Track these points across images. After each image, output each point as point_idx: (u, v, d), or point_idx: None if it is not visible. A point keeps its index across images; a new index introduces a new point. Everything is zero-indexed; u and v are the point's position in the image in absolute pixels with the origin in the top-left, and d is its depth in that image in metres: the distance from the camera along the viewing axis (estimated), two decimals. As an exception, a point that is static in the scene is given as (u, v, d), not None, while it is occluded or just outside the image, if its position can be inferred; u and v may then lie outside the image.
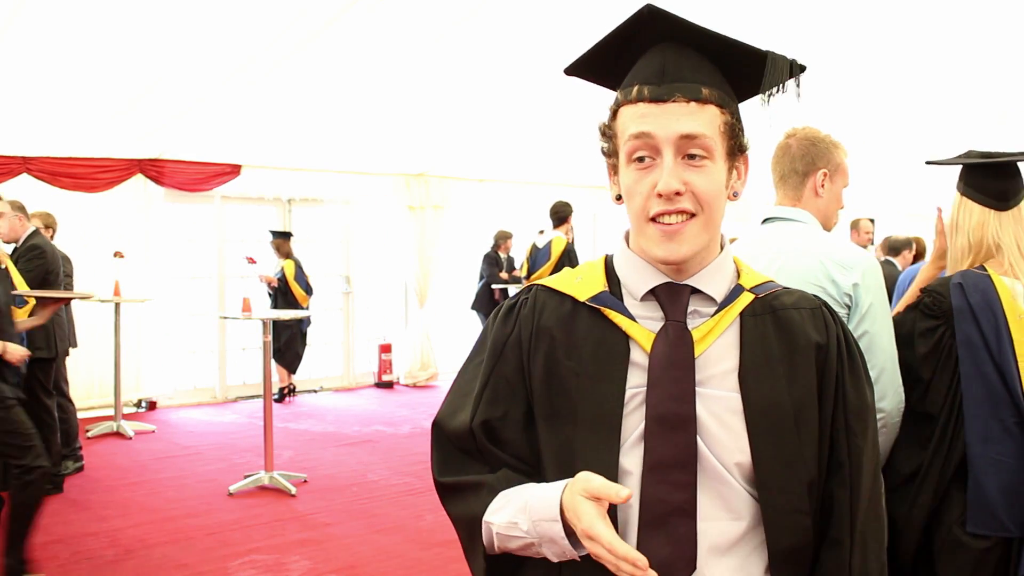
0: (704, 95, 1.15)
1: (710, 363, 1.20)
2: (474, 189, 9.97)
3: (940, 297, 2.30)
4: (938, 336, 2.27)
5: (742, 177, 1.24)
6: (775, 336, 1.22)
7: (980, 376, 2.22)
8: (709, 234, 1.19)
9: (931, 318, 2.30)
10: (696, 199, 1.15)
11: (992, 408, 2.21)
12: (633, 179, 1.18)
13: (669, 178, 1.13)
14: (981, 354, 2.22)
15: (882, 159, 8.59)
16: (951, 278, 2.33)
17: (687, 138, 1.14)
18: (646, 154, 1.16)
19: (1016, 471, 2.20)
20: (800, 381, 1.19)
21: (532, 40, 5.73)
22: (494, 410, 1.26)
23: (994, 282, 2.28)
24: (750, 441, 1.16)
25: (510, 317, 1.31)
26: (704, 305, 1.23)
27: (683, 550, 1.15)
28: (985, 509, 2.20)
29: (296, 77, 6.27)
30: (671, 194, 1.14)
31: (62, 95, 6.30)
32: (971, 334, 2.23)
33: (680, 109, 1.15)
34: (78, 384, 7.16)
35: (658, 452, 1.16)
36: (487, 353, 1.30)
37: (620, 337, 1.22)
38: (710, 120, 1.16)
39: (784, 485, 1.16)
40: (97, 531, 4.80)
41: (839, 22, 5.61)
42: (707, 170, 1.16)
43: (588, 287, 1.27)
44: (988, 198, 2.36)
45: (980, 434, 2.19)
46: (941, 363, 2.25)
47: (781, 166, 2.31)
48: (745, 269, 1.29)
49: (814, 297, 1.28)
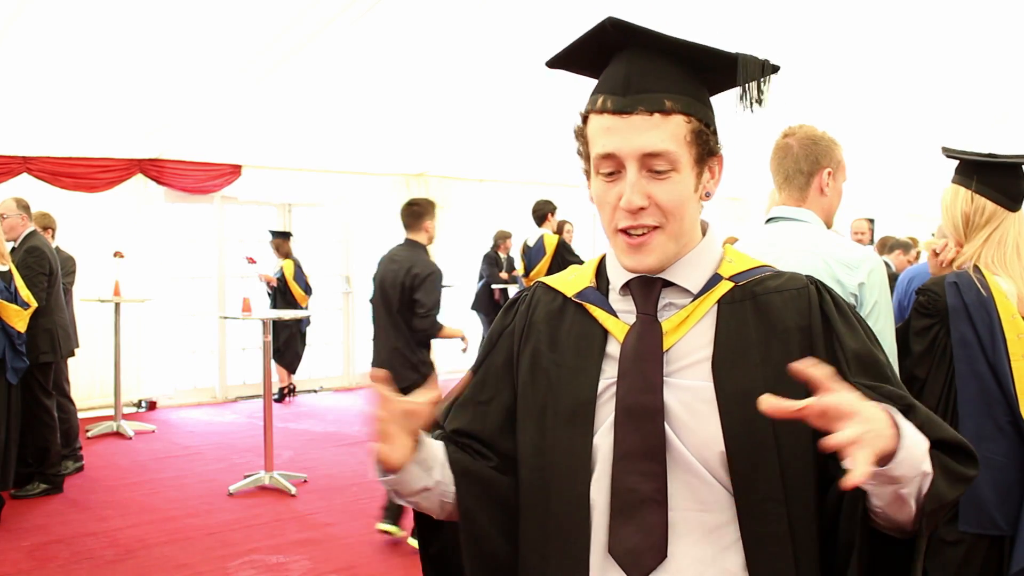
0: (667, 107, 1.16)
1: (683, 354, 1.21)
2: (474, 189, 9.97)
3: (935, 296, 2.31)
4: (933, 335, 2.29)
5: (715, 177, 1.24)
6: (753, 322, 1.21)
7: (974, 375, 2.23)
8: (678, 241, 1.20)
9: (926, 316, 2.31)
10: (661, 211, 1.17)
11: (985, 407, 2.22)
12: (601, 190, 1.20)
13: (631, 195, 1.15)
14: (975, 353, 2.23)
15: (883, 159, 8.59)
16: (946, 277, 2.35)
17: (651, 156, 1.15)
18: (612, 168, 1.18)
19: (1008, 470, 2.22)
20: (776, 366, 1.16)
21: (532, 40, 5.72)
22: (481, 394, 1.33)
23: (988, 282, 2.29)
24: (723, 430, 1.15)
25: (510, 311, 1.38)
26: (679, 297, 1.24)
27: (653, 539, 1.16)
28: (977, 507, 2.22)
29: (296, 77, 6.27)
30: (634, 209, 1.16)
31: (62, 95, 6.30)
32: (966, 333, 2.24)
33: (643, 123, 1.15)
34: (78, 384, 7.15)
35: (627, 442, 1.18)
36: (483, 343, 1.39)
37: (598, 331, 1.26)
38: (674, 132, 1.16)
39: (758, 473, 1.15)
40: (97, 531, 4.80)
41: (842, 22, 5.62)
42: (671, 181, 1.16)
43: (577, 283, 1.32)
44: (1003, 197, 2.37)
45: (973, 433, 2.20)
46: (936, 362, 2.27)
47: (785, 167, 2.30)
48: (734, 257, 1.28)
49: (805, 277, 1.26)
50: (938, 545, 2.24)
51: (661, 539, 1.16)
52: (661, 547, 1.16)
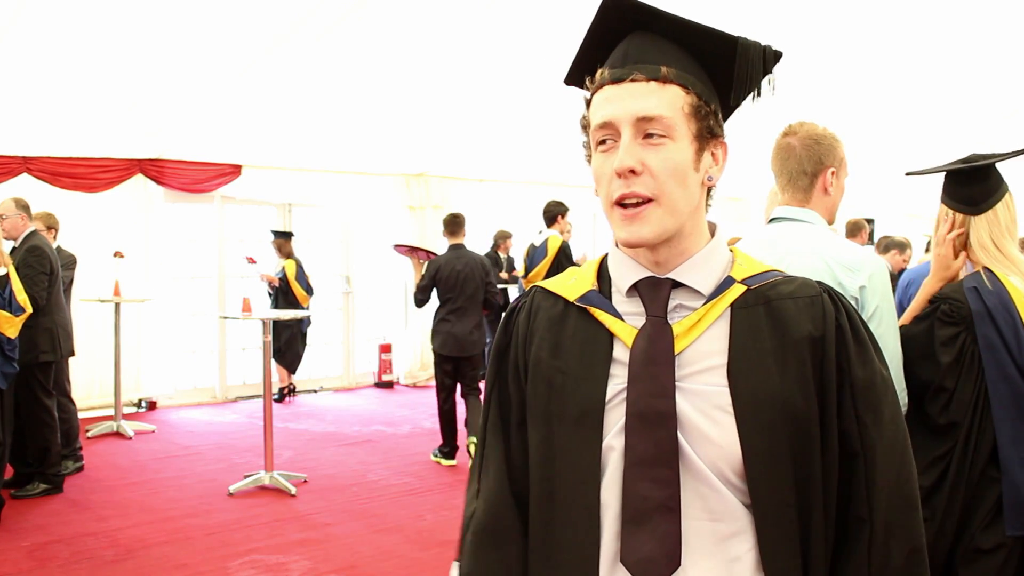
0: (663, 73, 1.15)
1: (696, 358, 1.18)
2: (474, 189, 9.97)
3: (958, 303, 2.29)
4: (960, 343, 2.26)
5: (719, 163, 1.22)
6: (767, 328, 1.18)
7: (1004, 378, 2.21)
8: (675, 218, 1.16)
9: (951, 325, 2.29)
10: (654, 180, 1.14)
11: (1019, 409, 2.20)
12: (599, 163, 1.18)
13: (624, 155, 1.13)
14: (1003, 356, 2.22)
15: (886, 159, 8.58)
16: (963, 283, 2.33)
17: (645, 120, 1.14)
18: (608, 137, 1.16)
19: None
20: (792, 374, 1.16)
21: (532, 40, 5.73)
22: (501, 417, 1.31)
23: (1004, 283, 2.28)
24: (740, 436, 1.14)
25: (508, 325, 1.33)
26: (690, 299, 1.20)
27: (666, 547, 1.13)
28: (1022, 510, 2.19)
29: (297, 77, 6.27)
30: (626, 171, 1.13)
31: (62, 95, 6.30)
32: (991, 337, 2.23)
33: (639, 89, 1.14)
34: (78, 384, 7.16)
35: (639, 449, 1.15)
36: (492, 359, 1.34)
37: (604, 335, 1.22)
38: (670, 100, 1.15)
39: (774, 480, 1.14)
40: (97, 531, 4.80)
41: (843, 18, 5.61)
42: (665, 148, 1.14)
43: (579, 287, 1.28)
44: (959, 204, 2.40)
45: (1009, 436, 2.18)
46: (964, 370, 2.24)
47: (788, 168, 2.28)
48: (744, 260, 1.26)
49: (817, 284, 1.23)
50: (974, 555, 2.21)
51: (675, 548, 1.13)
52: (675, 556, 1.13)
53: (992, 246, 2.34)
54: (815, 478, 1.17)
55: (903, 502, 1.18)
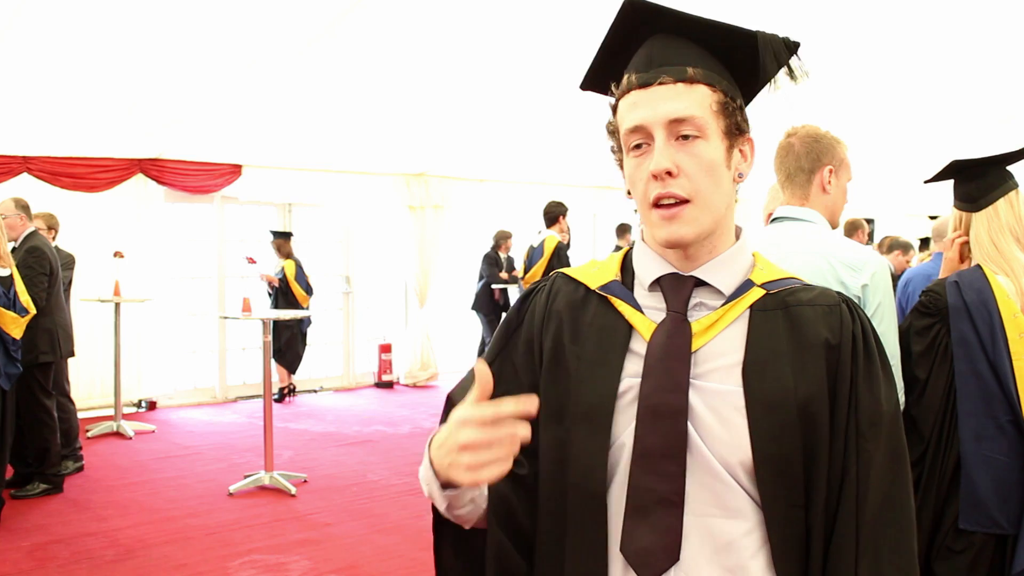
0: (690, 74, 1.16)
1: (712, 356, 1.18)
2: (474, 189, 9.97)
3: (936, 296, 2.33)
4: (933, 334, 2.29)
5: (748, 159, 1.24)
6: (785, 332, 1.19)
7: (974, 374, 2.24)
8: (712, 216, 1.18)
9: (927, 316, 2.32)
10: (689, 181, 1.15)
11: (986, 406, 2.23)
12: (633, 167, 1.19)
13: (659, 157, 1.14)
14: (976, 352, 2.24)
15: (887, 159, 8.59)
16: (948, 277, 2.36)
17: (677, 121, 1.15)
18: (642, 140, 1.17)
19: (1009, 468, 2.22)
20: (808, 378, 1.17)
21: (532, 40, 5.73)
22: (496, 389, 1.25)
23: (989, 281, 2.30)
24: (751, 437, 1.14)
25: (526, 302, 1.33)
26: (711, 298, 1.22)
27: (666, 540, 1.14)
28: (978, 506, 2.22)
29: (297, 77, 6.27)
30: (662, 173, 1.14)
31: (62, 95, 6.30)
32: (966, 332, 2.25)
33: (667, 92, 1.16)
34: (78, 384, 7.17)
35: (647, 441, 1.15)
36: (499, 334, 1.33)
37: (623, 326, 1.23)
38: (699, 100, 1.16)
39: (783, 480, 1.15)
40: (97, 531, 4.80)
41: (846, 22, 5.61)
42: (699, 147, 1.15)
43: (602, 276, 1.29)
44: (960, 201, 2.44)
45: (973, 432, 2.21)
46: (936, 362, 2.27)
47: (787, 165, 2.31)
48: (764, 265, 1.27)
49: (837, 294, 1.24)
50: (946, 553, 2.25)
51: (674, 541, 1.14)
52: (674, 549, 1.14)
53: (988, 243, 2.35)
54: (822, 481, 1.17)
55: (895, 521, 1.18)
